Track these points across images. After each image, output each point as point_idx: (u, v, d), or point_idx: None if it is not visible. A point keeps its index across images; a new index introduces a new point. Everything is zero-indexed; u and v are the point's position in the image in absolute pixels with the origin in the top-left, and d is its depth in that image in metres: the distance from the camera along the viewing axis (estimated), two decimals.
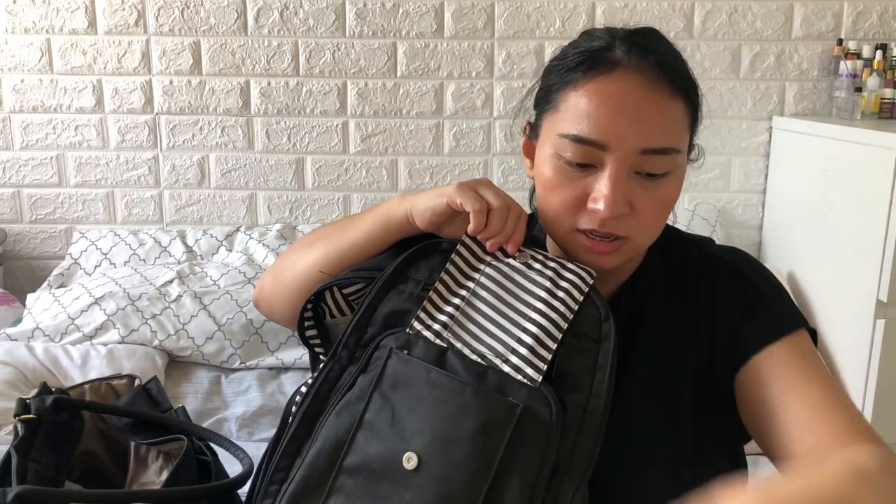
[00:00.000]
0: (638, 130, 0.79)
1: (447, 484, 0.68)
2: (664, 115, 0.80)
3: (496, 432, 0.69)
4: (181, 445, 0.87)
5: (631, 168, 0.80)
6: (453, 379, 0.72)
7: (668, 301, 0.90)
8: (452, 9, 2.29)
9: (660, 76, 0.80)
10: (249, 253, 2.28)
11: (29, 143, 2.34)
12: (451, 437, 0.69)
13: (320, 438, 0.74)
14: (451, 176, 2.39)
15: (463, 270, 0.81)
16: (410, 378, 0.74)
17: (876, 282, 1.79)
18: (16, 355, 1.85)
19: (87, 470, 0.97)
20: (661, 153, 0.80)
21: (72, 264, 2.27)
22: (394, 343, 0.76)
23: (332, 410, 0.75)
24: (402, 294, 0.80)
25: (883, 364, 1.81)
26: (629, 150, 0.79)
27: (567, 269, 0.79)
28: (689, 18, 2.31)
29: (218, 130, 2.35)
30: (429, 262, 0.82)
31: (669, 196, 0.83)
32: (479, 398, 0.71)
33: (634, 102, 0.79)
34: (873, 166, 1.81)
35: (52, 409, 0.86)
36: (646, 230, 0.83)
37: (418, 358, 0.75)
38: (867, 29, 2.32)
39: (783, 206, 2.32)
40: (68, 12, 2.27)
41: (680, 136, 0.82)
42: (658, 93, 0.80)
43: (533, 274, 0.79)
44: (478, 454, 0.69)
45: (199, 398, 1.88)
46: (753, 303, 0.85)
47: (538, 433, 0.70)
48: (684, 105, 0.82)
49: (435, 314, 0.78)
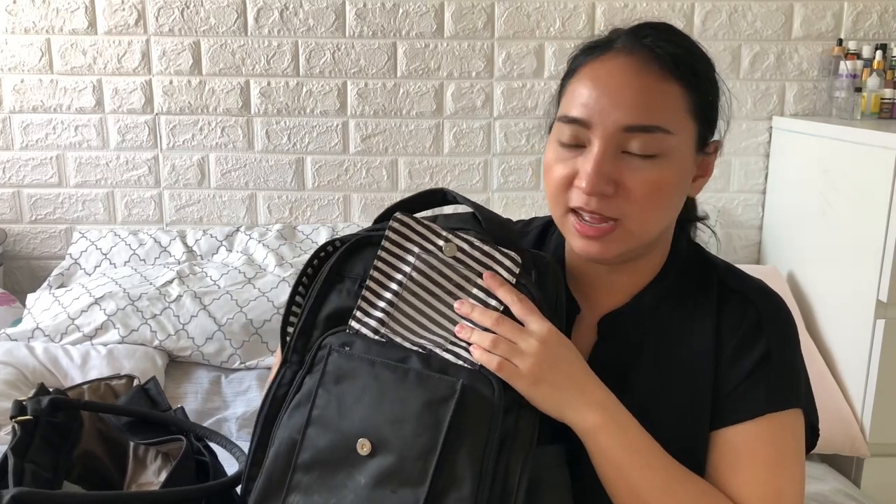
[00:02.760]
0: (620, 107, 0.80)
1: (400, 460, 0.72)
2: (650, 94, 0.80)
3: (441, 407, 0.72)
4: (180, 446, 0.88)
5: (617, 147, 0.80)
6: (396, 367, 0.75)
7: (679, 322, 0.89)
8: (452, 9, 2.29)
9: (651, 58, 0.81)
10: (249, 253, 2.28)
11: (29, 143, 2.35)
12: (399, 417, 0.73)
13: (276, 441, 0.78)
14: (450, 176, 2.39)
15: (392, 263, 0.82)
16: (354, 371, 0.76)
17: (876, 282, 1.79)
18: (16, 355, 1.85)
19: (86, 470, 0.97)
20: (644, 131, 0.80)
21: (72, 264, 2.27)
22: (335, 341, 0.79)
23: (285, 413, 0.79)
24: (341, 293, 0.83)
25: (883, 364, 1.81)
26: (612, 127, 0.80)
27: (494, 260, 0.80)
28: (689, 18, 2.31)
29: (218, 130, 2.35)
30: (362, 257, 0.84)
31: (662, 179, 0.81)
32: (422, 379, 0.74)
33: (620, 80, 0.81)
34: (873, 166, 1.81)
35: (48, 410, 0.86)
36: (637, 214, 0.82)
37: (360, 353, 0.77)
38: (867, 29, 2.32)
39: (783, 206, 2.32)
40: (68, 12, 2.27)
41: (670, 117, 0.81)
42: (646, 73, 0.81)
43: (460, 268, 0.80)
44: (425, 429, 0.72)
45: (199, 398, 1.88)
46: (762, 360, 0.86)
47: (482, 410, 0.73)
48: (679, 89, 0.82)
49: (371, 310, 0.80)
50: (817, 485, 1.70)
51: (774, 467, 0.83)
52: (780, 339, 0.87)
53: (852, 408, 1.88)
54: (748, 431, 0.84)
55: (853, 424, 1.84)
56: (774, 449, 0.84)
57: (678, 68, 0.81)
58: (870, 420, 1.83)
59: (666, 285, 0.90)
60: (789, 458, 0.85)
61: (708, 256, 0.95)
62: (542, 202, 2.41)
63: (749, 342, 0.86)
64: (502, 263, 0.80)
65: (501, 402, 0.74)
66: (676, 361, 0.87)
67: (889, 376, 1.81)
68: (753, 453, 0.84)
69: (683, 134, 0.82)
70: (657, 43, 0.82)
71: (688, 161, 0.84)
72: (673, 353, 0.88)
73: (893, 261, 1.74)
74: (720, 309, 0.89)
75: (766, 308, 0.89)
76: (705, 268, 0.92)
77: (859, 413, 1.86)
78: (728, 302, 0.89)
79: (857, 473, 1.87)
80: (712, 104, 0.87)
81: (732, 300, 0.89)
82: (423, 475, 0.71)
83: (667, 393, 0.86)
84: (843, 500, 1.66)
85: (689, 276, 0.91)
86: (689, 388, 0.86)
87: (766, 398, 0.84)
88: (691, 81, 0.82)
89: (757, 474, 0.83)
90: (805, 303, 2.13)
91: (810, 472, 1.76)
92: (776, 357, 0.86)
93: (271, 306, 2.00)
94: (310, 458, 0.75)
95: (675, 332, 0.89)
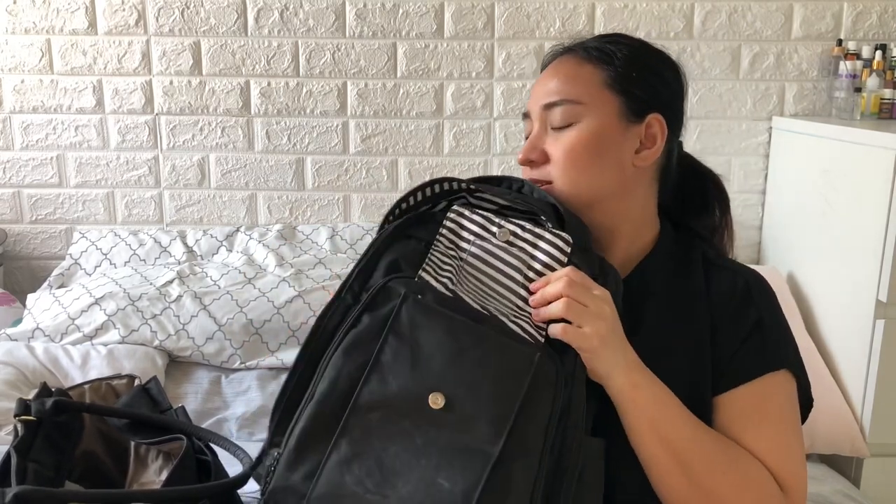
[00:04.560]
0: (541, 93, 0.98)
1: (474, 423, 0.72)
2: (564, 76, 0.96)
3: (519, 377, 0.74)
4: (181, 445, 0.88)
5: (543, 124, 0.97)
6: (475, 327, 0.75)
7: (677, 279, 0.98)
8: (452, 9, 2.29)
9: (575, 53, 0.98)
10: (249, 253, 2.28)
11: (29, 143, 2.35)
12: (478, 380, 0.73)
13: (328, 376, 0.74)
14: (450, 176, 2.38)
15: (455, 242, 0.85)
16: (429, 323, 0.75)
17: (876, 282, 1.79)
18: (16, 355, 1.85)
19: (87, 470, 0.97)
20: (556, 105, 0.95)
21: (72, 264, 2.28)
22: (405, 287, 0.77)
23: (338, 348, 0.76)
24: (407, 247, 0.83)
25: (883, 364, 1.81)
26: (536, 108, 0.98)
27: (545, 240, 0.84)
28: (689, 19, 2.31)
29: (218, 131, 2.36)
30: (427, 227, 0.86)
31: (577, 141, 0.94)
32: (501, 346, 0.75)
33: (547, 74, 0.99)
34: (873, 166, 1.81)
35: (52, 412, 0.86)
36: (561, 174, 0.95)
37: (436, 307, 0.76)
38: (867, 29, 2.32)
39: (783, 206, 2.32)
40: (68, 13, 2.27)
41: (581, 91, 0.95)
42: (565, 62, 0.98)
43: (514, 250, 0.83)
44: (502, 397, 0.73)
45: (199, 398, 1.88)
46: (755, 327, 0.93)
47: (548, 383, 0.75)
48: (592, 68, 0.96)
49: (440, 270, 0.80)
50: (817, 485, 1.70)
51: (779, 424, 0.91)
52: (769, 306, 0.96)
53: (852, 408, 1.88)
54: (751, 392, 0.91)
55: (853, 424, 1.84)
56: (776, 406, 0.91)
57: (592, 53, 0.96)
58: (869, 420, 1.83)
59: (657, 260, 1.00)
60: (790, 415, 0.92)
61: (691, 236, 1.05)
62: None
63: (742, 310, 0.94)
64: (553, 243, 0.83)
65: (562, 378, 0.76)
66: (675, 331, 0.94)
67: (889, 376, 1.81)
68: (759, 412, 0.90)
69: (599, 104, 0.95)
70: (588, 43, 0.98)
71: (610, 128, 0.95)
72: (672, 323, 0.95)
73: (893, 261, 1.74)
74: (708, 281, 0.97)
75: (754, 278, 0.98)
76: (689, 245, 1.02)
77: (859, 413, 1.86)
78: (715, 275, 0.98)
79: (857, 473, 1.87)
80: (635, 80, 0.96)
81: (720, 274, 0.98)
82: (496, 439, 0.71)
83: (668, 360, 0.91)
84: (843, 501, 1.66)
85: (677, 254, 1.01)
86: (688, 356, 0.93)
87: (763, 360, 0.92)
88: (606, 60, 0.96)
89: (766, 431, 0.90)
90: (805, 303, 2.13)
91: (810, 473, 1.76)
92: (767, 322, 0.94)
93: (271, 306, 2.01)
94: (374, 401, 0.73)
95: (672, 304, 0.96)
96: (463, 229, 0.84)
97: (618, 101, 0.95)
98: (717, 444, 0.87)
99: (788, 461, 0.89)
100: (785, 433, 0.91)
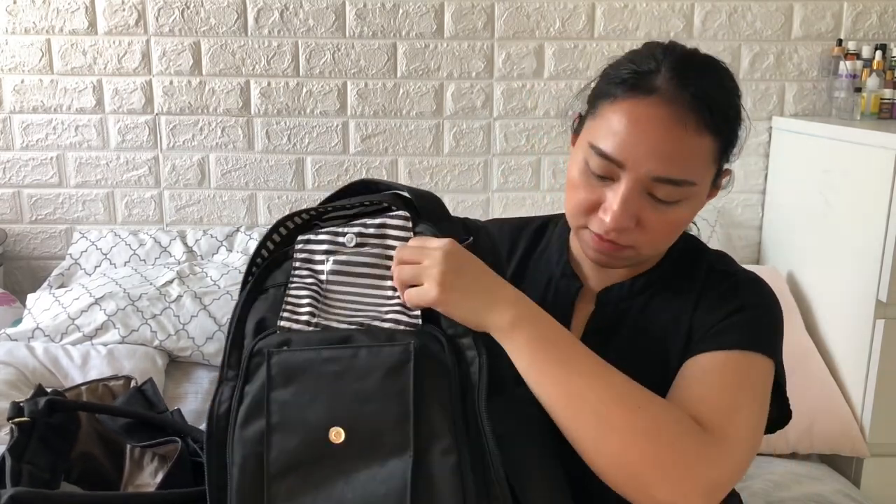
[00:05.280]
0: (654, 159, 0.84)
1: (380, 439, 0.72)
2: (684, 149, 0.84)
3: (401, 372, 0.73)
4: (176, 447, 0.88)
5: (644, 189, 0.85)
6: (345, 348, 0.75)
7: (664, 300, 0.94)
8: (452, 9, 2.29)
9: (690, 110, 0.84)
10: (249, 253, 2.28)
11: (29, 143, 2.35)
12: (364, 396, 0.72)
13: (237, 459, 0.75)
14: (450, 176, 2.39)
15: (311, 269, 0.83)
16: (302, 365, 0.75)
17: (876, 282, 1.79)
18: (16, 355, 1.85)
19: (84, 471, 0.97)
20: (673, 184, 0.85)
21: (72, 264, 2.28)
22: (269, 344, 0.77)
23: (235, 430, 0.76)
24: (266, 301, 0.82)
25: (883, 364, 1.80)
26: (643, 174, 0.84)
27: (387, 227, 0.82)
28: (689, 19, 2.30)
29: (218, 131, 2.36)
30: (282, 269, 0.84)
31: (679, 219, 0.88)
32: (374, 353, 0.74)
33: (658, 132, 0.84)
34: (873, 166, 1.81)
35: (45, 412, 0.86)
36: (650, 245, 0.89)
37: (301, 346, 0.76)
38: (867, 29, 2.32)
39: (783, 207, 2.32)
40: (68, 13, 2.27)
41: (699, 170, 0.86)
42: (683, 127, 0.84)
43: (367, 249, 0.82)
44: (393, 397, 0.72)
45: (199, 398, 1.88)
46: (736, 311, 0.90)
47: (437, 363, 0.74)
48: (712, 141, 0.86)
49: (298, 308, 0.79)
50: (817, 485, 1.70)
51: (735, 390, 0.83)
52: (756, 301, 0.91)
53: (852, 408, 1.88)
54: (713, 359, 0.86)
55: (853, 424, 1.84)
56: (737, 377, 0.84)
57: (713, 119, 0.85)
58: (869, 420, 1.83)
59: (660, 271, 0.97)
60: (752, 390, 0.85)
61: (702, 247, 1.01)
62: (541, 202, 2.41)
63: (725, 300, 0.91)
64: (395, 226, 0.82)
65: (452, 353, 0.75)
66: (653, 330, 0.93)
67: (889, 376, 1.81)
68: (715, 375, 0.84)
69: (706, 179, 0.89)
70: (699, 93, 0.85)
71: (704, 197, 0.91)
72: (651, 322, 0.93)
73: (893, 261, 1.74)
74: (703, 286, 0.95)
75: (748, 277, 0.94)
76: (697, 257, 0.98)
77: (859, 413, 1.86)
78: (711, 279, 0.95)
79: (857, 473, 1.87)
80: (734, 142, 0.92)
81: (716, 277, 0.95)
82: (406, 440, 0.71)
83: (640, 359, 0.89)
84: (843, 501, 1.66)
85: (683, 266, 0.97)
86: (660, 357, 0.90)
87: (737, 338, 0.87)
88: (723, 130, 0.88)
89: (714, 392, 0.83)
90: (805, 303, 2.13)
91: (810, 473, 1.76)
92: (749, 311, 0.90)
93: None
94: (282, 464, 0.73)
95: (657, 311, 0.94)
96: (314, 253, 0.83)
97: (716, 170, 0.92)
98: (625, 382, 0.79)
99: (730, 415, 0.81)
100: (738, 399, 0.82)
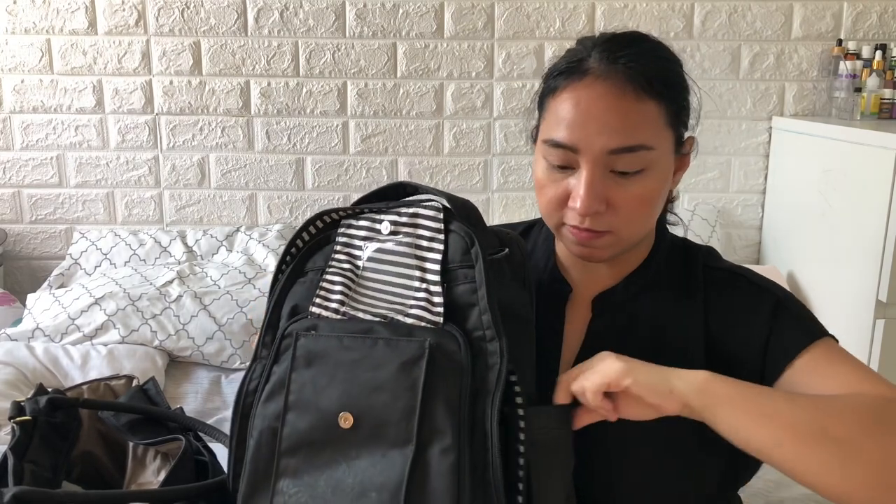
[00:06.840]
0: (604, 134, 0.85)
1: (385, 429, 0.74)
2: (630, 116, 0.85)
3: (414, 367, 0.75)
4: (179, 445, 0.88)
5: (605, 167, 0.86)
6: (364, 338, 0.78)
7: (668, 303, 0.93)
8: (452, 9, 2.29)
9: (626, 80, 0.85)
10: (249, 253, 2.28)
11: (29, 143, 2.35)
12: (376, 386, 0.75)
13: (255, 433, 0.79)
14: (450, 176, 2.39)
15: (349, 253, 0.86)
16: (323, 351, 0.79)
17: (876, 282, 1.79)
18: (16, 355, 1.85)
19: (86, 470, 0.97)
20: (628, 151, 0.85)
21: (72, 264, 2.28)
22: (299, 327, 0.81)
23: (259, 405, 0.80)
24: (304, 285, 0.85)
25: (883, 364, 1.81)
26: (598, 151, 0.85)
27: (420, 216, 0.84)
28: (689, 19, 2.31)
29: (218, 131, 2.36)
30: (323, 252, 0.87)
31: (647, 190, 0.87)
32: (391, 346, 0.77)
33: (600, 107, 0.85)
34: (873, 166, 1.81)
35: (47, 410, 0.86)
36: (627, 224, 0.88)
37: (326, 333, 0.80)
38: (867, 29, 2.32)
39: (783, 207, 2.32)
40: (68, 13, 2.27)
41: (650, 134, 0.86)
42: (623, 97, 0.85)
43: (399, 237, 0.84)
44: (403, 391, 0.75)
45: (199, 398, 1.88)
46: (776, 309, 0.89)
47: (451, 364, 0.76)
48: (656, 105, 0.86)
49: (330, 295, 0.83)
50: None
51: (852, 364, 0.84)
52: (782, 291, 0.91)
53: None
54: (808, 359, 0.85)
55: None
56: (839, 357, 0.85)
57: (652, 85, 0.86)
58: None
59: (652, 271, 0.95)
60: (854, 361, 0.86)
61: (688, 243, 1.00)
62: None
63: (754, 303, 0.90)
64: (427, 216, 0.84)
65: (469, 357, 0.77)
66: (663, 335, 0.91)
67: (889, 376, 1.78)
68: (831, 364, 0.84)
69: (663, 144, 0.88)
70: (630, 62, 0.86)
71: (669, 166, 0.90)
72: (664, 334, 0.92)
73: (893, 261, 1.74)
74: (707, 288, 0.93)
75: (756, 275, 0.94)
76: (689, 254, 0.97)
77: None
78: (715, 280, 0.94)
79: None
80: (685, 107, 0.91)
81: (719, 277, 0.94)
82: (409, 434, 0.74)
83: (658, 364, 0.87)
84: None
85: (675, 263, 0.96)
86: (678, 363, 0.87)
87: (802, 334, 0.86)
88: (665, 94, 0.87)
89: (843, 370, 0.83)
90: (805, 303, 2.11)
91: None
92: (786, 303, 0.89)
93: None
94: (293, 441, 0.77)
95: (665, 316, 0.93)
96: (354, 238, 0.86)
97: (672, 135, 0.89)
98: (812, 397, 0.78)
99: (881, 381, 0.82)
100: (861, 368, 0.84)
